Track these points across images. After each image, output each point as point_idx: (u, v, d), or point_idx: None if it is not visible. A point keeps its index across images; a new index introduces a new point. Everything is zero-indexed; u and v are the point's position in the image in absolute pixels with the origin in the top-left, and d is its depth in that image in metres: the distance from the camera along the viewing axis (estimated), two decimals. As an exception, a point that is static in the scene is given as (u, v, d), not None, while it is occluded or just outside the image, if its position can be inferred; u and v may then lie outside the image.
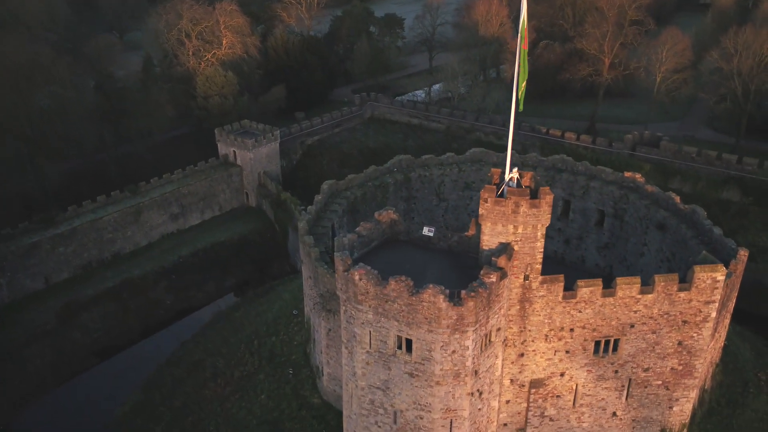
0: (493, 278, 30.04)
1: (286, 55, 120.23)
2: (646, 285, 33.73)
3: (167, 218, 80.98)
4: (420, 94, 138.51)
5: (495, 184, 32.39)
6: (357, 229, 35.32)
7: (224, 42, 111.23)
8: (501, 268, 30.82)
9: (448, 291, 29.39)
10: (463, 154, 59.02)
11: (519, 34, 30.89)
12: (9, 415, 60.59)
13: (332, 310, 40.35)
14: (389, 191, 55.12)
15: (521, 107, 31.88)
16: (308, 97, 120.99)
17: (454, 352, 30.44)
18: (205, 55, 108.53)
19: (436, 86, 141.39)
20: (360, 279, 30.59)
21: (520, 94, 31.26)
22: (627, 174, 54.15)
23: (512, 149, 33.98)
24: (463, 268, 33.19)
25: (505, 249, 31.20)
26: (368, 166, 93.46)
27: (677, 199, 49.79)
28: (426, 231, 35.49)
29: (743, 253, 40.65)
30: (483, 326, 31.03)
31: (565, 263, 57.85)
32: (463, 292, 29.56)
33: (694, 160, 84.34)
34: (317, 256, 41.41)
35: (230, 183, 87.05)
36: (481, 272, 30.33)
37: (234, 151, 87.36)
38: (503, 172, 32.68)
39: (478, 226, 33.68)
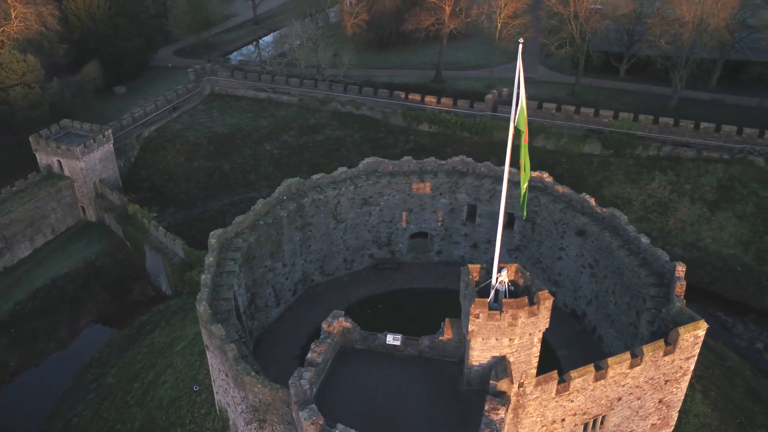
0: (502, 413, 25.50)
1: (91, 22, 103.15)
2: (635, 357, 31.12)
3: (-11, 257, 66.79)
4: (251, 49, 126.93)
5: (476, 282, 27.28)
6: (309, 356, 28.56)
7: (13, 14, 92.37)
8: (504, 394, 26.30)
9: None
10: (355, 167, 52.74)
11: (513, 122, 25.26)
12: None
13: (267, 420, 33.81)
14: (283, 225, 47.84)
15: (524, 214, 26.74)
16: (126, 68, 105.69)
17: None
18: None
19: (268, 38, 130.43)
20: (346, 447, 24.61)
21: (522, 200, 26.02)
22: (534, 174, 51.43)
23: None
24: (445, 384, 28.18)
25: (501, 365, 26.64)
26: (220, 155, 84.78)
27: (592, 201, 48.04)
28: (391, 339, 29.81)
29: (681, 269, 39.69)
30: (491, 464, 26.63)
31: (474, 267, 54.78)
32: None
33: (554, 117, 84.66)
34: (236, 356, 34.07)
35: (60, 199, 73.31)
36: (487, 407, 25.61)
37: (59, 161, 73.19)
38: (483, 269, 27.61)
39: (455, 327, 28.66)
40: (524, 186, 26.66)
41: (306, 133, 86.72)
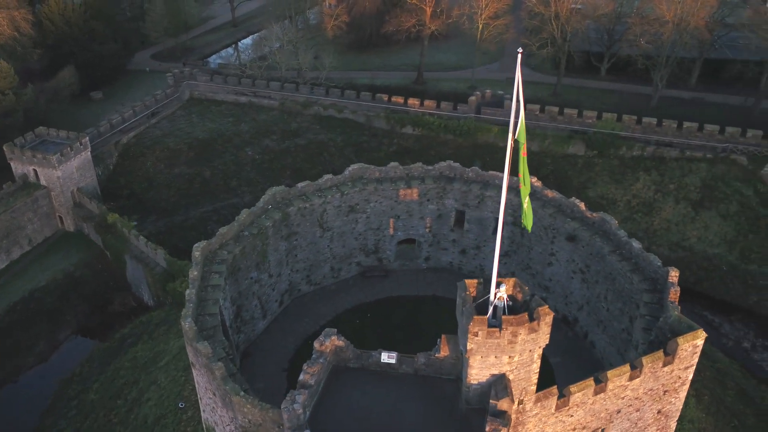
0: (503, 433, 24.80)
1: (66, 26, 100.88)
2: (634, 368, 30.57)
3: (-37, 270, 64.87)
4: (230, 52, 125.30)
5: (473, 298, 26.50)
6: (302, 378, 27.57)
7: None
8: (505, 413, 25.57)
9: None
10: (341, 174, 51.73)
11: (512, 135, 24.48)
12: None
13: (259, 439, 32.72)
14: (268, 235, 46.77)
15: (529, 227, 26.07)
16: (103, 72, 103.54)
17: None
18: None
19: (247, 41, 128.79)
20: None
21: (525, 213, 25.30)
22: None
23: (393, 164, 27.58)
24: (442, 402, 27.36)
25: (501, 384, 25.90)
26: (201, 161, 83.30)
27: (582, 205, 47.50)
28: (386, 358, 28.93)
29: (674, 274, 39.33)
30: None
31: (463, 273, 54.29)
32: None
33: (538, 118, 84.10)
34: (224, 375, 32.98)
35: (37, 209, 71.44)
36: (488, 428, 24.85)
37: (35, 170, 71.33)
38: (479, 284, 26.82)
39: (451, 344, 27.88)
40: (525, 200, 25.95)
41: (288, 137, 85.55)
